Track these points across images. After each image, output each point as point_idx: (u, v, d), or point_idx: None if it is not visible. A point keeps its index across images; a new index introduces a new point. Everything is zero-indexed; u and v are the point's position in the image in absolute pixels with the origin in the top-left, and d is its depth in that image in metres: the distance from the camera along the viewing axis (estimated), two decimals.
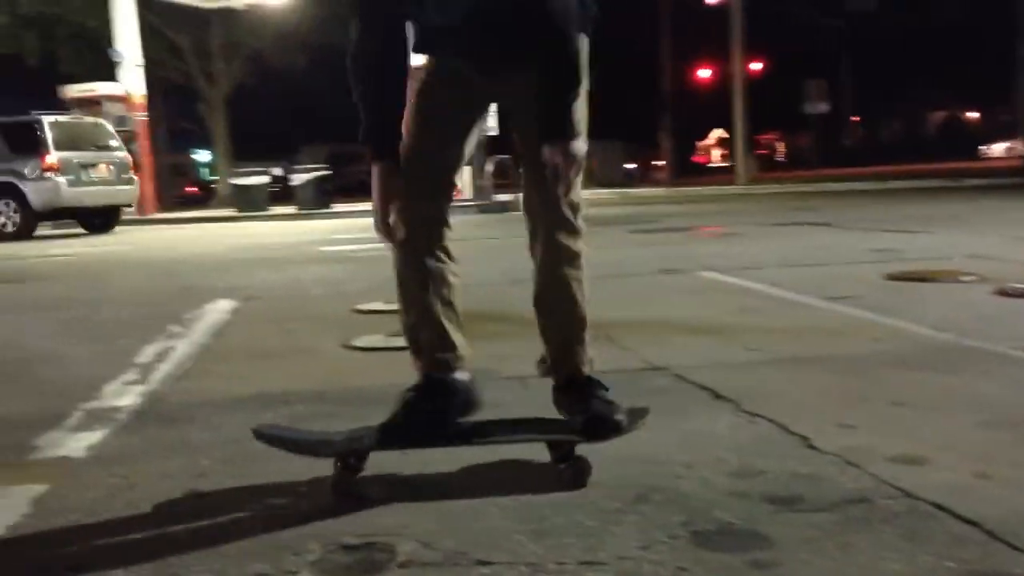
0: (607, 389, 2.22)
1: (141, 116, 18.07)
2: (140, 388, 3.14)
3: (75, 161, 13.35)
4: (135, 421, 2.74)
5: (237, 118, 27.09)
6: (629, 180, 29.58)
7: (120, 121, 17.60)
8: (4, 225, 13.23)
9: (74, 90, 18.20)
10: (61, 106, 18.06)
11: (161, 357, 3.65)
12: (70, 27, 24.85)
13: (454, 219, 2.24)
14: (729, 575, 1.54)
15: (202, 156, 36.14)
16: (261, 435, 2.16)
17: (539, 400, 2.77)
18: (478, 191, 15.26)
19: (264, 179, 18.10)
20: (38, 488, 2.14)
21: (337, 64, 2.18)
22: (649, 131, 31.86)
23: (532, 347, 3.62)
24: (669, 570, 1.56)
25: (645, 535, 1.71)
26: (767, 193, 19.12)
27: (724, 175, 29.28)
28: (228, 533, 1.82)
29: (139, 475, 2.20)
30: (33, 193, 13.06)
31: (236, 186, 17.84)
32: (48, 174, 13.00)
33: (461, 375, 2.23)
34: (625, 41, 32.74)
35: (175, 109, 27.81)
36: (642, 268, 6.17)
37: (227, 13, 23.30)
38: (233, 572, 1.63)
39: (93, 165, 13.77)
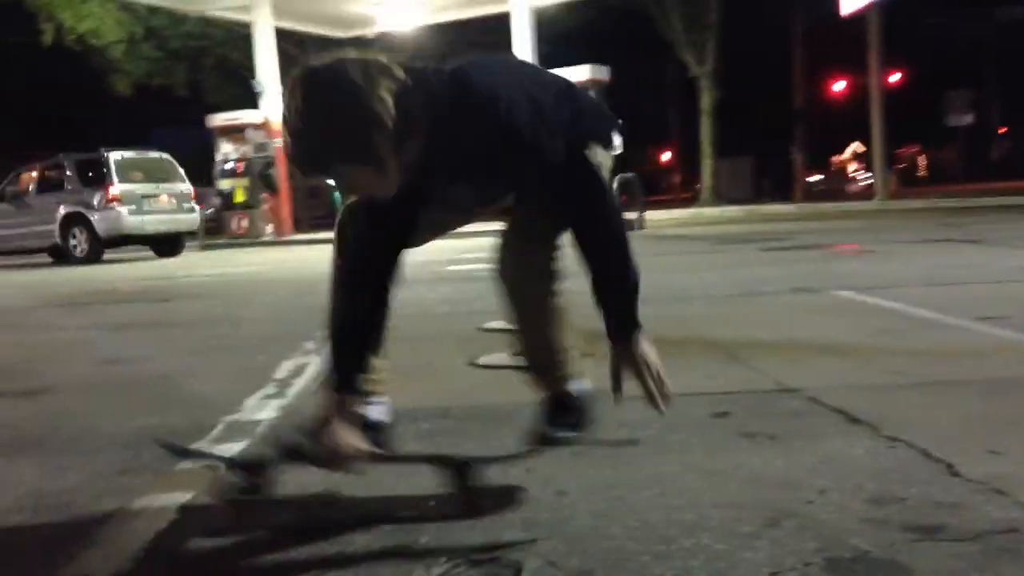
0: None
1: (279, 142, 18.88)
2: (277, 402, 3.27)
3: (137, 192, 14.82)
4: (272, 433, 2.85)
5: None
6: (758, 196, 28.93)
7: (260, 147, 18.48)
8: (75, 249, 14.94)
9: (218, 119, 19.23)
10: (208, 133, 19.12)
11: (297, 372, 3.79)
12: (214, 59, 26.29)
13: None
14: None
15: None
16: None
17: (664, 419, 2.73)
18: None
19: None
20: (183, 496, 2.25)
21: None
22: (781, 146, 31.10)
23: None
24: None
25: (776, 561, 1.66)
26: (908, 209, 18.34)
27: (861, 190, 28.28)
28: (357, 544, 1.86)
29: (274, 485, 2.28)
30: (99, 221, 14.67)
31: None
32: (112, 204, 14.57)
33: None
34: (756, 54, 32.18)
35: None
36: (773, 287, 6.01)
37: (361, 41, 24.16)
38: None
39: (155, 196, 15.17)
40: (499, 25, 18.67)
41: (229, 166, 18.86)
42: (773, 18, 29.56)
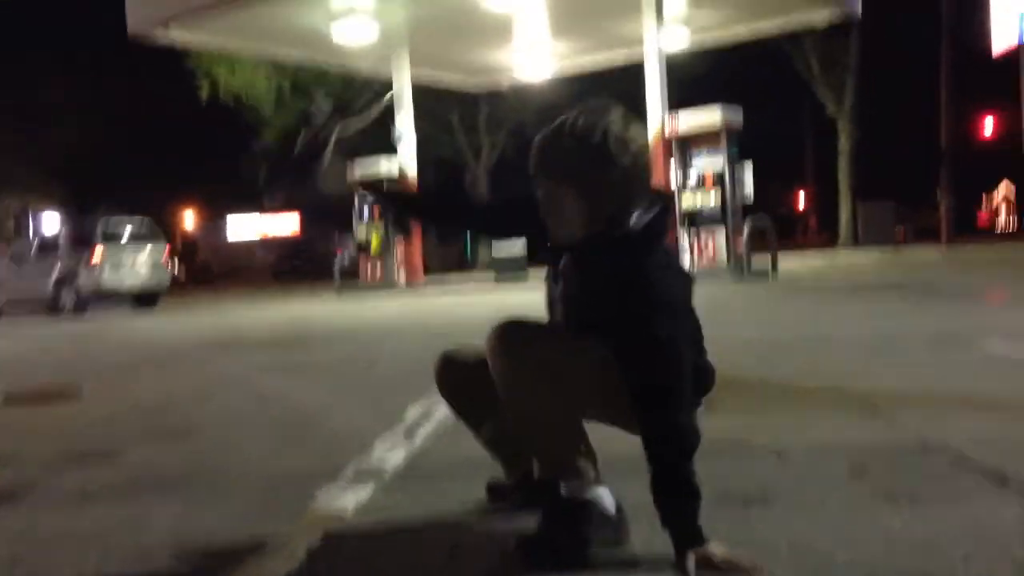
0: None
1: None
2: (406, 445, 3.33)
3: (116, 254, 17.11)
4: (399, 478, 2.90)
5: (500, 187, 28.48)
6: (900, 241, 27.76)
7: None
8: (65, 304, 17.16)
9: (357, 173, 19.85)
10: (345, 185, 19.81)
11: (425, 416, 3.85)
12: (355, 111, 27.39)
13: (708, 287, 2.19)
14: None
15: None
16: None
17: (797, 473, 2.64)
18: (734, 258, 14.88)
19: (520, 248, 18.68)
20: (314, 538, 2.31)
21: None
22: (925, 189, 29.85)
23: (789, 416, 3.47)
24: None
25: None
26: None
27: (1011, 238, 26.74)
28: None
29: (401, 529, 2.32)
30: (83, 279, 16.97)
31: (493, 258, 18.63)
32: (94, 265, 16.85)
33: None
34: (899, 93, 31.12)
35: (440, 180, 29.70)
36: (917, 337, 5.74)
37: (493, 93, 24.77)
38: None
39: (132, 257, 17.38)
40: (630, 72, 18.77)
41: (366, 213, 19.49)
42: (916, 56, 28.58)
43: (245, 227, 46.90)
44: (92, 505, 2.82)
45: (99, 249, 16.95)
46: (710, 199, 15.18)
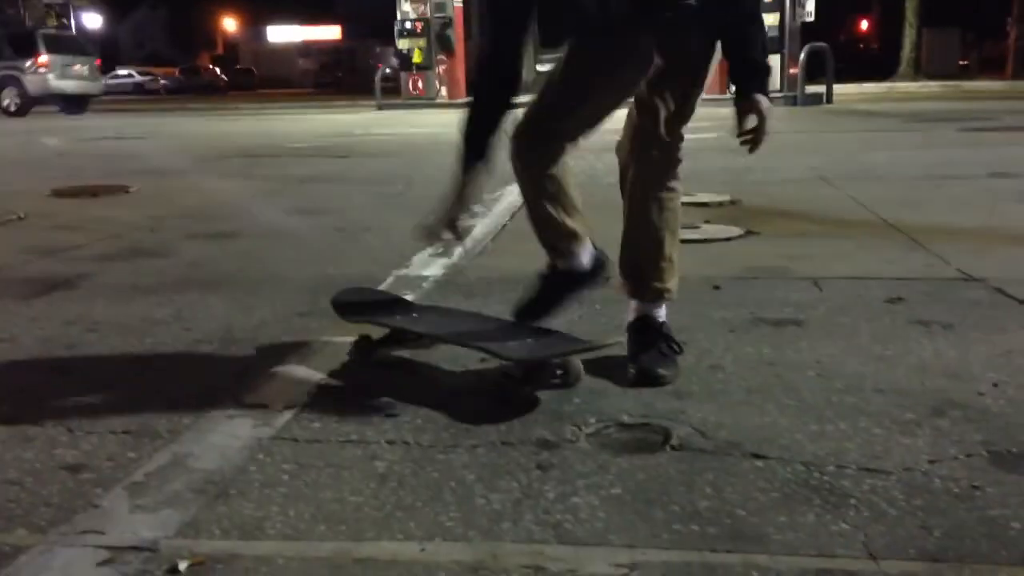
0: (676, 348, 2.12)
1: (458, 2, 18.75)
2: (444, 261, 3.37)
3: (59, 61, 18.45)
4: (437, 290, 2.96)
5: None
6: (964, 72, 26.59)
7: (439, 7, 18.41)
8: (9, 106, 18.40)
9: None
10: None
11: (464, 232, 3.87)
12: None
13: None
14: None
15: None
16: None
17: (833, 301, 2.65)
18: (789, 82, 14.39)
19: None
20: (354, 338, 2.39)
21: None
22: (994, 17, 28.24)
23: (832, 247, 3.45)
24: (961, 487, 1.46)
25: (937, 449, 1.61)
26: None
27: None
28: (515, 401, 1.93)
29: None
30: (30, 83, 18.31)
31: (539, 73, 18.15)
32: (40, 69, 18.27)
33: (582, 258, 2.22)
34: None
35: None
36: (968, 171, 5.59)
37: None
38: (517, 435, 1.74)
39: (71, 65, 18.78)
40: None
41: (408, 26, 18.98)
42: None
43: (286, 36, 45.88)
44: (143, 297, 2.93)
45: (45, 56, 18.35)
46: (767, 21, 14.54)
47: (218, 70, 43.57)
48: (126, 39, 47.35)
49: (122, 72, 41.28)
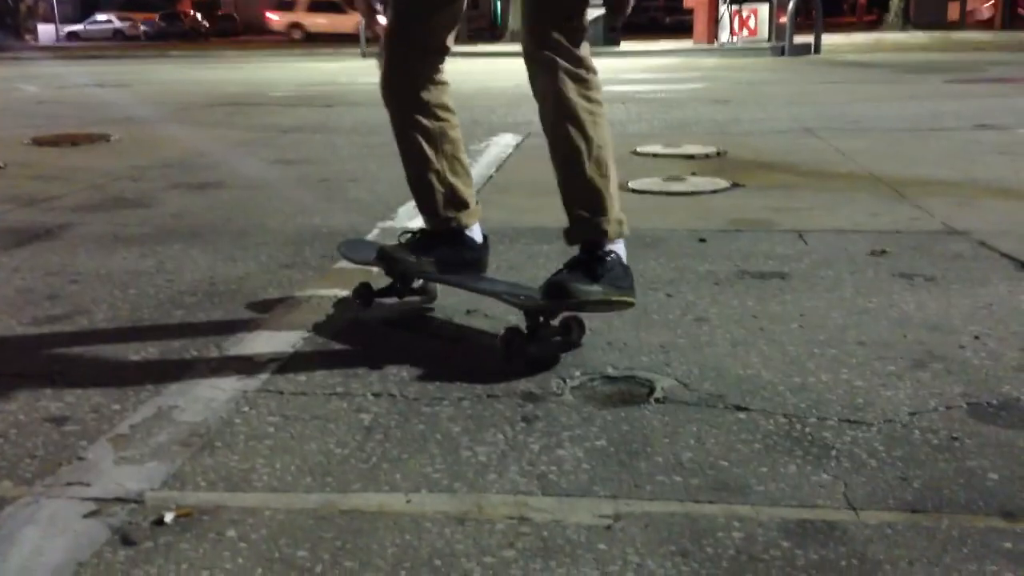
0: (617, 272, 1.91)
1: None
2: None
3: None
4: None
5: None
6: (953, 23, 26.43)
7: None
8: None
9: None
10: None
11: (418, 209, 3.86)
12: None
13: (748, 62, 2.08)
14: (1007, 450, 1.44)
15: None
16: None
17: (817, 253, 2.66)
18: (777, 32, 14.27)
19: None
20: (340, 291, 2.39)
21: None
22: None
23: (817, 199, 3.45)
24: (940, 438, 1.48)
25: (917, 402, 1.63)
26: None
27: None
28: (496, 352, 1.94)
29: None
30: None
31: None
32: None
33: (471, 233, 2.17)
34: None
35: None
36: (954, 122, 5.59)
37: None
38: (503, 387, 1.75)
39: None
40: None
41: None
42: None
43: None
44: (126, 248, 2.90)
45: None
46: None
47: (199, 16, 42.79)
48: None
49: (101, 18, 40.48)
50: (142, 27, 39.51)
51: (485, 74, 11.82)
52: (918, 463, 1.41)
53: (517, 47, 2.09)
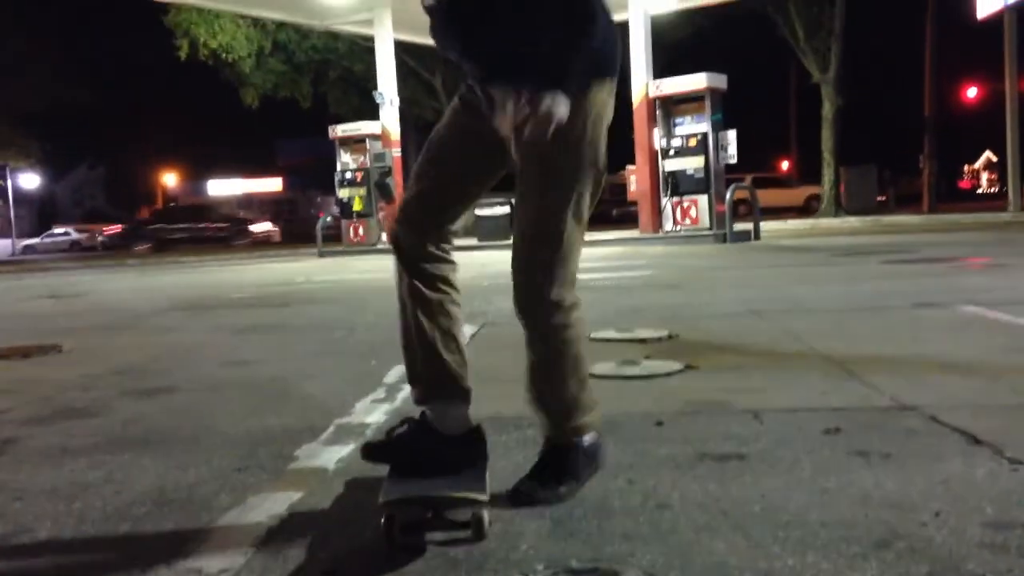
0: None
1: (396, 152, 19.27)
2: (386, 406, 3.34)
3: None
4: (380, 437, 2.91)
5: None
6: (883, 207, 27.89)
7: (378, 157, 18.90)
8: None
9: (339, 130, 19.80)
10: (331, 144, 19.79)
11: (406, 378, 3.86)
12: (338, 71, 27.22)
13: (691, 250, 2.19)
14: None
15: None
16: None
17: (773, 433, 2.67)
18: (718, 220, 14.92)
19: (505, 209, 18.50)
20: (295, 495, 2.33)
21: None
22: (909, 155, 29.93)
23: (768, 379, 3.50)
24: None
25: None
26: None
27: (993, 202, 26.90)
28: (460, 550, 1.88)
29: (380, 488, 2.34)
30: None
31: (478, 216, 18.49)
32: None
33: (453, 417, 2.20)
34: (883, 60, 31.07)
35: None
36: (895, 301, 5.79)
37: None
38: None
39: None
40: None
41: (348, 176, 19.38)
42: (901, 23, 28.49)
43: (227, 189, 46.28)
44: (73, 460, 2.82)
45: None
46: (693, 164, 15.20)
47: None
48: (64, 197, 47.43)
49: (58, 231, 41.11)
50: (99, 238, 40.02)
51: None
52: None
53: (469, 241, 2.20)
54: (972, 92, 34.12)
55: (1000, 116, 22.65)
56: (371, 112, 20.05)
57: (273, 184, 46.83)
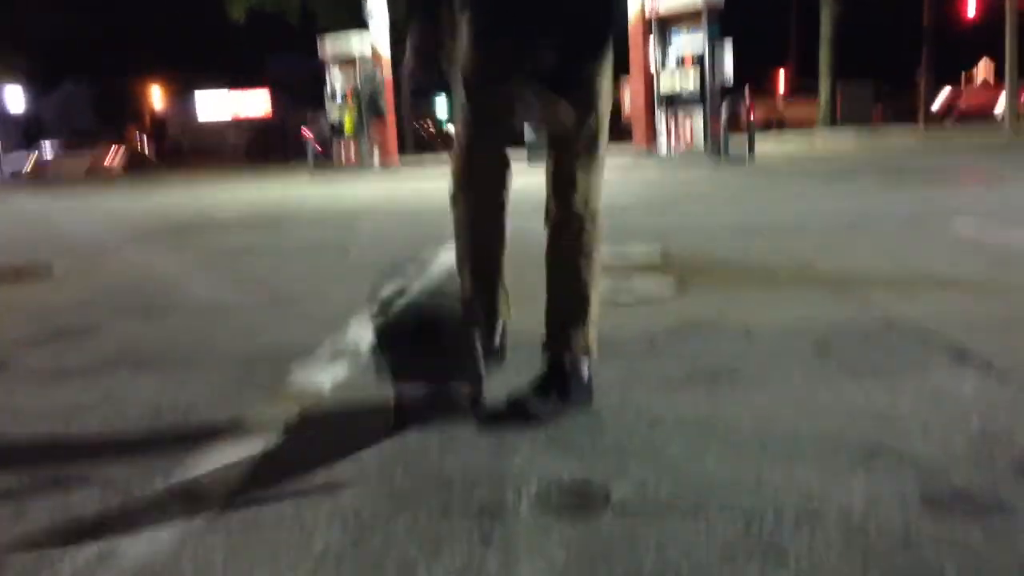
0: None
1: (387, 74, 18.93)
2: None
3: None
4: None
5: None
6: (879, 123, 27.66)
7: (368, 79, 18.55)
8: None
9: (327, 44, 19.30)
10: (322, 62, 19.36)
11: (400, 295, 3.86)
12: None
13: (685, 171, 2.19)
14: (963, 545, 1.44)
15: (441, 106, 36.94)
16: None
17: (765, 350, 2.69)
18: (712, 140, 14.76)
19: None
20: (291, 411, 2.35)
21: None
22: (906, 69, 29.51)
23: (761, 299, 3.51)
24: (897, 533, 1.48)
25: (872, 495, 1.63)
26: None
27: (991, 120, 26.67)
28: (455, 464, 1.91)
29: (377, 407, 2.35)
30: None
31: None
32: None
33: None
34: None
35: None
36: (889, 218, 5.79)
37: None
38: (459, 502, 1.72)
39: None
40: None
41: (339, 93, 19.06)
42: None
43: (215, 105, 45.46)
44: (68, 381, 2.84)
45: None
46: (689, 81, 14.96)
47: (145, 146, 43.10)
48: (51, 114, 46.71)
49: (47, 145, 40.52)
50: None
51: (434, 191, 12.01)
52: (876, 558, 1.40)
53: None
54: (971, 6, 33.43)
55: (1000, 32, 22.25)
56: (362, 26, 19.59)
57: (262, 102, 46.02)
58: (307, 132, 19.26)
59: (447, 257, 4.85)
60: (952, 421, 2.00)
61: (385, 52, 18.96)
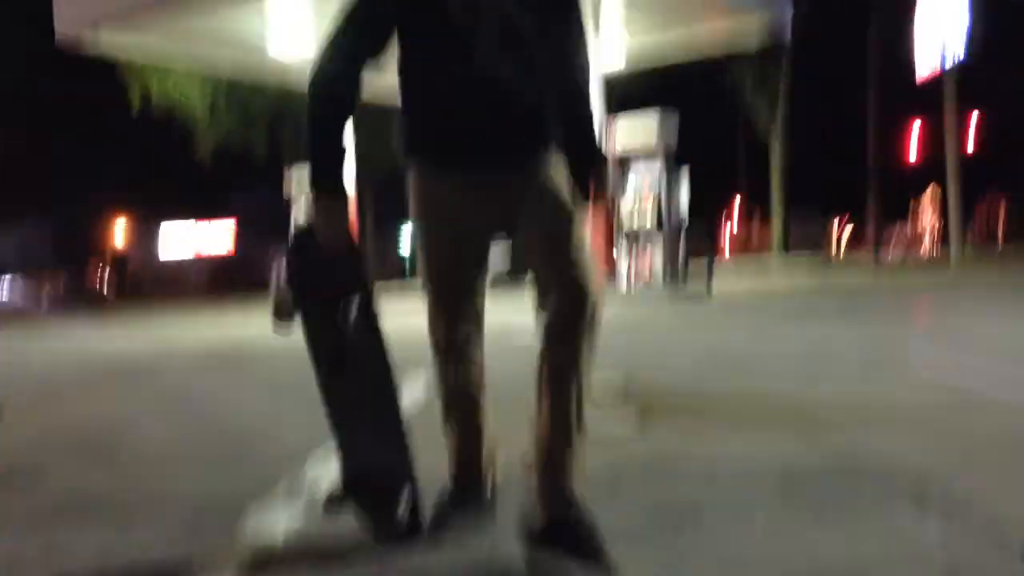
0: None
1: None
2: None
3: None
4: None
5: None
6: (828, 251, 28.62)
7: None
8: None
9: (294, 177, 19.55)
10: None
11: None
12: (292, 123, 27.17)
13: (646, 306, 2.22)
14: None
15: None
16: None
17: (728, 490, 2.67)
18: (671, 275, 15.00)
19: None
20: (243, 561, 2.26)
21: None
22: (854, 202, 30.56)
23: (724, 435, 3.50)
24: None
25: None
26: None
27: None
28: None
29: (332, 552, 2.28)
30: None
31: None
32: None
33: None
34: (827, 112, 31.87)
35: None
36: (846, 353, 5.86)
37: None
38: None
39: None
40: None
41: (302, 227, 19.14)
42: (846, 78, 29.44)
43: (178, 241, 45.48)
44: (14, 529, 2.72)
45: None
46: (647, 217, 15.33)
47: (104, 281, 42.82)
48: (11, 252, 46.47)
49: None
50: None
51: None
52: None
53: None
54: (913, 151, 34.75)
55: (941, 168, 23.22)
56: None
57: (226, 235, 46.13)
58: (274, 272, 19.37)
59: (415, 390, 4.80)
60: (917, 567, 1.98)
61: (350, 190, 19.21)
